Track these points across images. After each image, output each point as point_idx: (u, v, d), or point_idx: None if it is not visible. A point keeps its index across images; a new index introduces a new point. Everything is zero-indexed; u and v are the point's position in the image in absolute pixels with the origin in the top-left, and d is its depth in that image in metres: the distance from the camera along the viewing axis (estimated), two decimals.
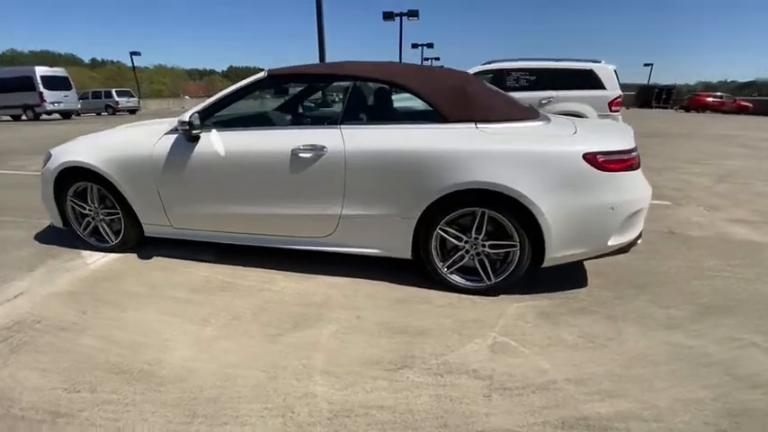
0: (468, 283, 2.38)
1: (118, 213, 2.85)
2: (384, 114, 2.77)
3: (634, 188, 2.19)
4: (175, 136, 2.58)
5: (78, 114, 21.88)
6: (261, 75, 2.62)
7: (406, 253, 2.41)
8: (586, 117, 6.13)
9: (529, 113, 2.44)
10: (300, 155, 2.35)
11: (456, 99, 2.31)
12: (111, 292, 2.41)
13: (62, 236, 3.14)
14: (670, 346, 1.89)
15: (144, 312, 2.20)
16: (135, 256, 2.93)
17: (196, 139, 2.51)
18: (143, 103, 29.57)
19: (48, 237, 3.30)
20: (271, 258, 2.77)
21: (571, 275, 2.57)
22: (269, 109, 3.45)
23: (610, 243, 2.19)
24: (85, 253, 2.97)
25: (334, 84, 2.50)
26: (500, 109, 2.35)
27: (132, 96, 25.08)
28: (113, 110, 23.75)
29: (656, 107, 32.12)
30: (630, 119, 8.05)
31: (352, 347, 1.90)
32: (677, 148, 9.24)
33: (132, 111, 24.61)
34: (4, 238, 3.29)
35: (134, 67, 39.14)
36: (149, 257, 2.90)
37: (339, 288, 2.47)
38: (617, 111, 6.63)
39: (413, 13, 16.67)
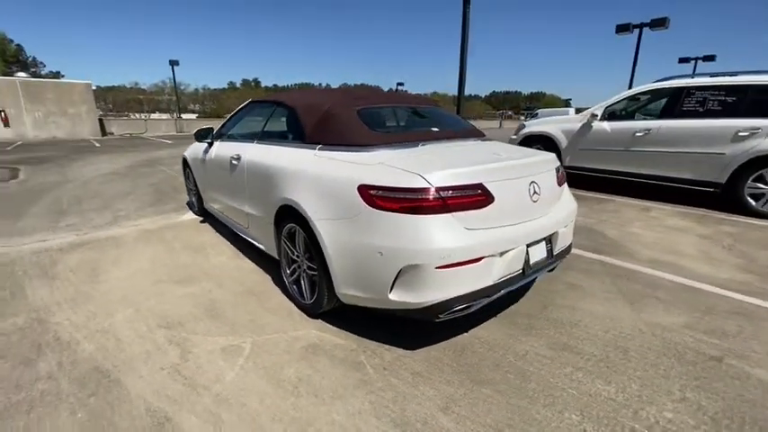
0: (298, 297, 2.46)
1: None
2: (281, 134, 2.97)
3: (411, 236, 1.73)
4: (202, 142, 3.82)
5: None
6: (248, 102, 3.50)
7: (275, 254, 2.72)
8: None
9: (384, 139, 2.25)
10: (232, 161, 3.09)
11: (317, 123, 2.45)
12: (180, 231, 3.91)
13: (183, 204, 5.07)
14: None
15: (173, 243, 3.53)
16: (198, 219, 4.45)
17: (210, 144, 3.67)
18: None
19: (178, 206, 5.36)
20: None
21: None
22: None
23: (392, 297, 1.83)
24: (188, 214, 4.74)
25: (276, 108, 3.03)
26: (349, 134, 2.28)
27: None
28: None
29: None
30: None
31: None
32: None
33: None
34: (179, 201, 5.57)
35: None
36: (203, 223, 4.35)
37: (237, 266, 3.06)
38: None
39: (658, 23, 13.13)
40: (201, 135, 3.65)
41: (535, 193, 2.04)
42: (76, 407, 1.67)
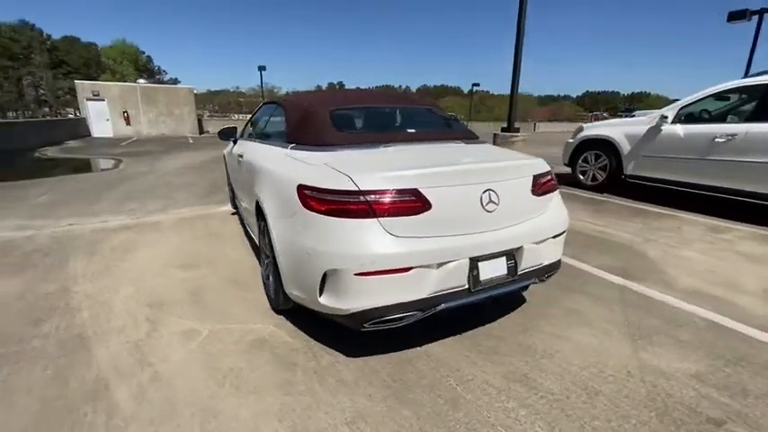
0: (269, 293, 2.53)
1: None
2: (276, 134, 2.95)
3: (333, 240, 1.66)
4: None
5: None
6: (262, 102, 3.70)
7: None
8: None
9: (349, 140, 2.23)
10: (239, 159, 3.30)
11: (296, 123, 2.50)
12: (210, 221, 4.34)
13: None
14: None
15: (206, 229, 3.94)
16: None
17: (234, 142, 3.95)
18: (469, 125, 35.26)
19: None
20: None
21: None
22: None
23: (321, 301, 1.79)
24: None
25: (276, 108, 3.13)
26: (316, 134, 2.28)
27: (457, 121, 30.59)
28: None
29: None
30: None
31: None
32: None
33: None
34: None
35: (472, 94, 47.27)
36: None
37: (239, 257, 3.26)
38: None
39: None
40: (226, 134, 3.95)
41: (491, 202, 1.83)
42: (49, 365, 1.94)
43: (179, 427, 1.56)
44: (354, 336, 2.14)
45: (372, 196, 1.65)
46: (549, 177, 2.17)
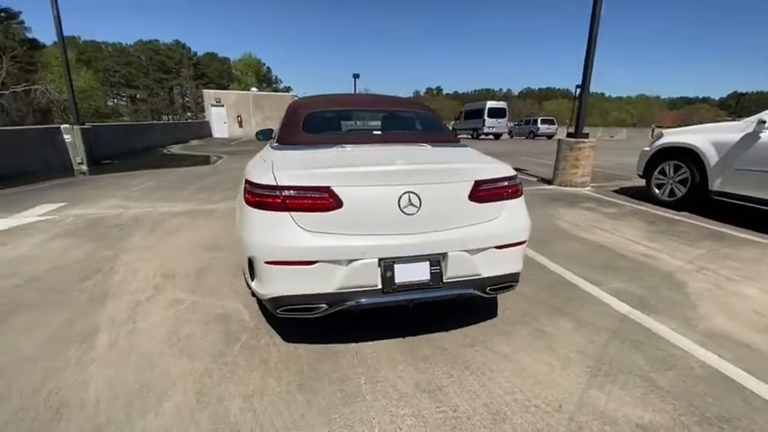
0: None
1: None
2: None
3: (251, 229, 1.81)
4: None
5: (511, 135, 28.40)
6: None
7: None
8: None
9: (311, 140, 2.39)
10: None
11: (282, 124, 2.73)
12: None
13: None
14: None
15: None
16: None
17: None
18: (570, 131, 32.30)
19: None
20: None
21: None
22: None
23: (253, 285, 1.96)
24: None
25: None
26: (287, 134, 2.48)
27: (553, 124, 28.27)
28: (533, 135, 28.08)
29: None
30: None
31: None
32: None
33: (549, 136, 27.90)
34: None
35: (576, 98, 42.80)
36: None
37: None
38: None
39: None
40: (263, 135, 4.40)
41: (410, 204, 1.79)
42: (70, 311, 2.48)
43: (122, 370, 1.90)
44: (305, 324, 2.28)
45: (287, 191, 1.78)
46: (503, 184, 2.01)
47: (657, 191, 5.47)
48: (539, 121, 28.31)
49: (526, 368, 1.95)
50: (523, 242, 2.06)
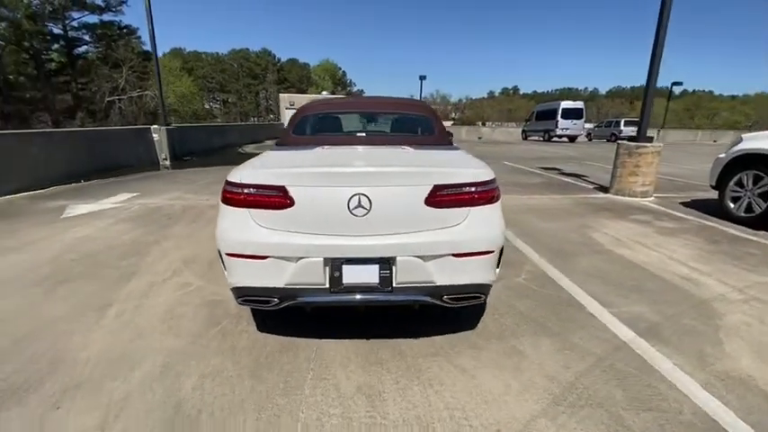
0: None
1: None
2: None
3: (218, 224, 1.97)
4: None
5: (590, 138, 26.15)
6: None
7: None
8: None
9: (297, 141, 2.50)
10: None
11: (289, 124, 2.89)
12: None
13: None
14: None
15: None
16: None
17: None
18: (663, 133, 28.79)
19: None
20: None
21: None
22: None
23: (225, 274, 2.14)
24: None
25: None
26: (282, 136, 2.63)
27: None
28: (616, 137, 25.45)
29: None
30: None
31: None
32: None
33: (632, 139, 25.10)
34: None
35: (669, 98, 38.00)
36: None
37: None
38: None
39: None
40: None
41: (359, 206, 1.80)
42: (100, 284, 2.91)
43: (117, 338, 2.19)
44: (283, 315, 2.40)
45: (247, 189, 1.90)
46: (469, 189, 1.91)
47: (732, 205, 4.66)
48: (622, 122, 25.58)
49: (479, 386, 1.84)
50: (489, 252, 1.94)
